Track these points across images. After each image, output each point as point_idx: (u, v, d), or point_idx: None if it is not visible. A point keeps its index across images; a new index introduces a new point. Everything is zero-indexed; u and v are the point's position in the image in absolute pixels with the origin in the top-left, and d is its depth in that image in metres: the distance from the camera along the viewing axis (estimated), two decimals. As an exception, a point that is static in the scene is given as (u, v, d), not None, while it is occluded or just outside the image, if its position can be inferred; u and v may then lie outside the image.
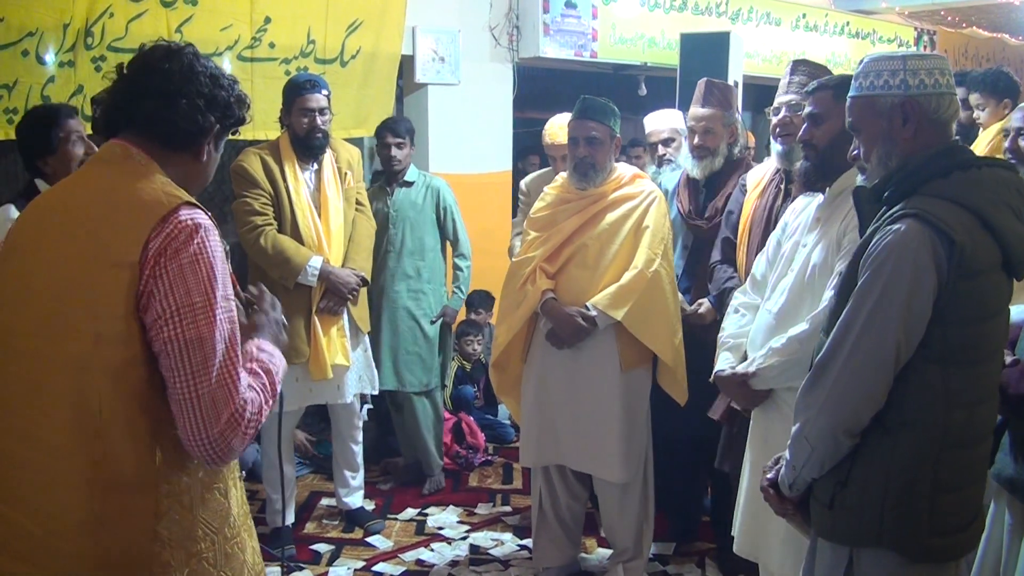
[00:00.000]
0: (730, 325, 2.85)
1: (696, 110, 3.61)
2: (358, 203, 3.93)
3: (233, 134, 1.84)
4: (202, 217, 1.63)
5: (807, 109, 2.59)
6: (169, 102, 1.68)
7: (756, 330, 2.70)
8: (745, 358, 2.73)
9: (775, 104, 3.08)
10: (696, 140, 3.59)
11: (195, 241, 1.58)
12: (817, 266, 2.51)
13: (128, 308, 1.56)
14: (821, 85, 2.55)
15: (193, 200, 1.65)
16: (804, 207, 2.72)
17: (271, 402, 1.70)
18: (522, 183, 4.36)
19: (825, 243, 2.52)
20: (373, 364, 4.08)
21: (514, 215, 4.75)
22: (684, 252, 3.67)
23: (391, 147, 4.30)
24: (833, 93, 2.50)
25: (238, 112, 1.78)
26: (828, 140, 2.53)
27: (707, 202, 3.62)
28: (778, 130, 3.06)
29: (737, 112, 3.72)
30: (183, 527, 1.64)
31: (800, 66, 3.05)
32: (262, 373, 1.70)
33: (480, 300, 5.36)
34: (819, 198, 2.64)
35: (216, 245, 1.63)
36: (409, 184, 4.37)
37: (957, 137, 1.99)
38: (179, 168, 1.72)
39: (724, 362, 2.77)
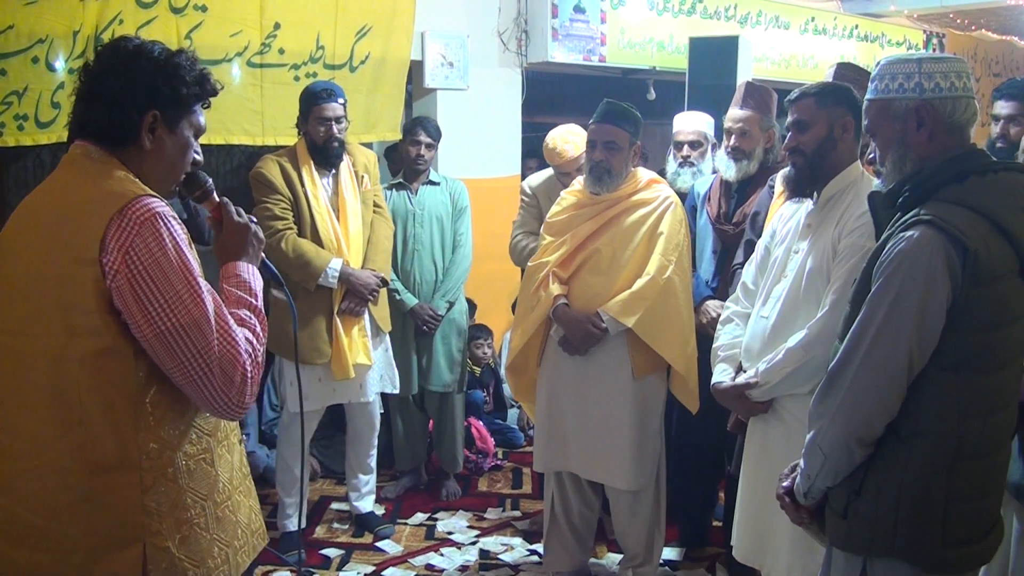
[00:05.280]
0: (723, 335, 2.86)
1: (734, 111, 3.56)
2: (376, 205, 3.96)
3: (205, 107, 1.84)
4: (159, 205, 1.67)
5: (790, 118, 2.62)
6: (90, 102, 1.73)
7: (751, 337, 2.71)
8: (740, 368, 2.73)
9: None
10: (732, 142, 3.54)
11: (159, 230, 1.64)
12: (812, 272, 2.53)
13: (99, 303, 1.63)
14: (803, 93, 2.60)
15: (150, 192, 1.70)
16: (792, 213, 2.75)
17: (264, 334, 1.82)
18: (526, 184, 4.27)
19: (819, 249, 2.53)
20: (394, 363, 4.10)
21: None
22: (714, 257, 3.64)
23: (422, 145, 4.33)
24: (816, 100, 2.57)
25: (172, 89, 1.74)
26: (815, 146, 2.56)
27: (737, 207, 3.57)
28: None
29: (775, 118, 3.62)
30: (170, 497, 1.73)
31: (843, 70, 3.02)
32: (247, 316, 1.80)
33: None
34: (807, 204, 2.66)
35: (178, 229, 1.69)
36: (435, 184, 4.42)
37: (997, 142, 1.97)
38: (134, 161, 1.75)
39: (721, 374, 2.78)
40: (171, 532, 1.72)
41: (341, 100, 3.71)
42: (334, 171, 3.78)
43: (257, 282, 1.89)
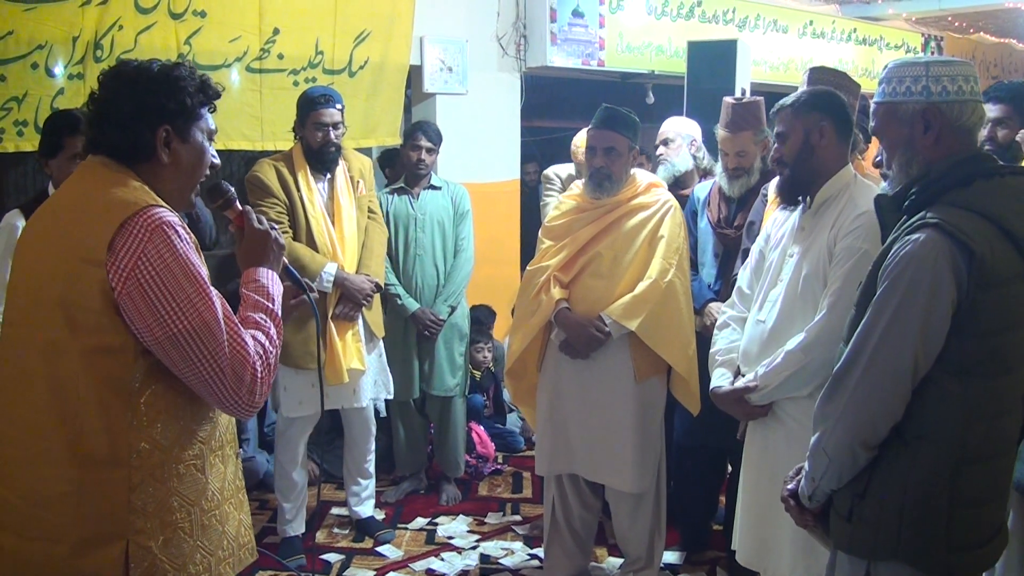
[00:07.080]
0: (720, 340, 2.87)
1: (723, 134, 3.56)
2: (370, 211, 3.96)
3: (211, 111, 1.92)
4: (168, 214, 1.73)
5: (775, 130, 2.68)
6: (102, 123, 1.80)
7: (748, 341, 2.73)
8: (738, 372, 2.74)
9: None
10: (731, 164, 3.55)
11: (169, 237, 1.70)
12: (808, 275, 2.55)
13: (104, 303, 1.67)
14: (781, 106, 2.66)
15: (161, 203, 1.75)
16: (786, 218, 2.78)
17: (278, 337, 1.88)
18: (552, 172, 4.40)
19: (814, 252, 2.55)
20: (388, 369, 4.09)
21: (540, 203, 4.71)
22: (715, 260, 3.66)
23: (423, 150, 4.33)
24: (791, 110, 2.62)
25: (178, 101, 1.81)
26: (794, 155, 2.61)
27: (738, 211, 3.59)
28: None
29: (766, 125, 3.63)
30: (157, 498, 1.76)
31: (817, 74, 3.04)
32: (263, 320, 1.86)
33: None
34: (801, 208, 2.69)
35: (186, 236, 1.75)
36: (437, 188, 4.42)
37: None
38: (153, 174, 1.81)
39: (720, 378, 2.79)
40: (155, 532, 1.75)
41: (339, 106, 3.71)
42: (330, 176, 3.79)
43: (276, 287, 1.94)
